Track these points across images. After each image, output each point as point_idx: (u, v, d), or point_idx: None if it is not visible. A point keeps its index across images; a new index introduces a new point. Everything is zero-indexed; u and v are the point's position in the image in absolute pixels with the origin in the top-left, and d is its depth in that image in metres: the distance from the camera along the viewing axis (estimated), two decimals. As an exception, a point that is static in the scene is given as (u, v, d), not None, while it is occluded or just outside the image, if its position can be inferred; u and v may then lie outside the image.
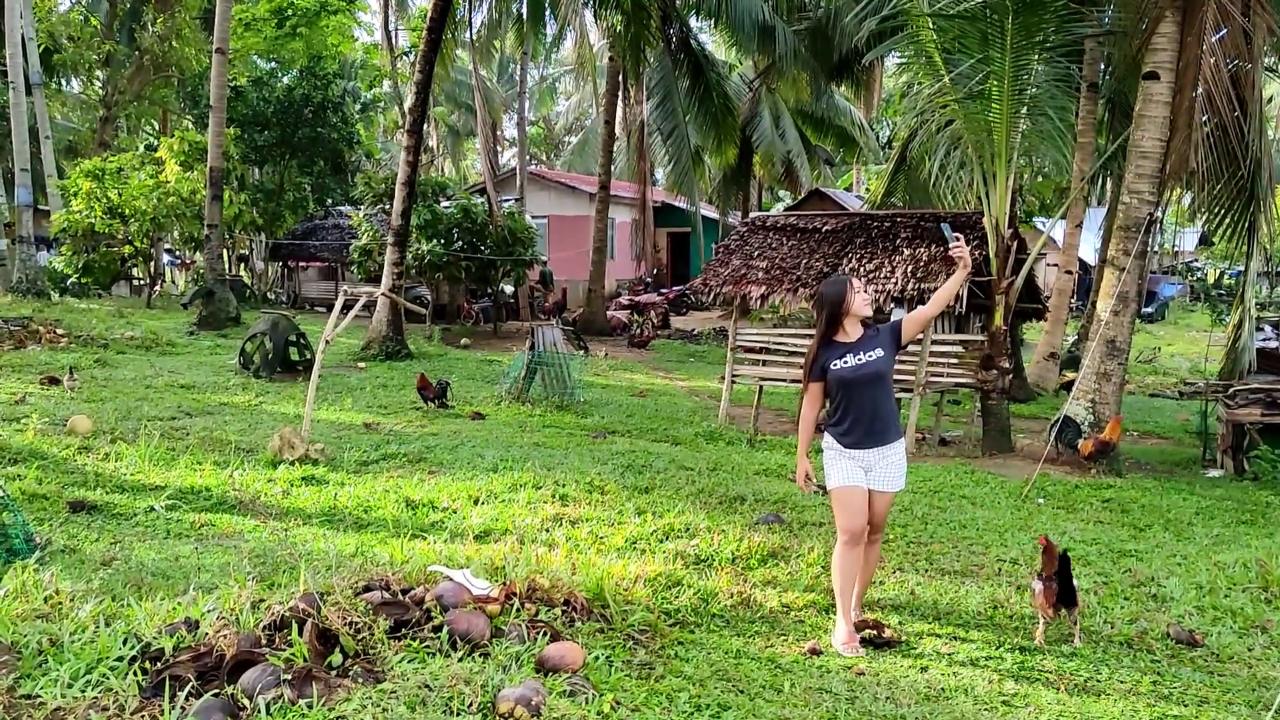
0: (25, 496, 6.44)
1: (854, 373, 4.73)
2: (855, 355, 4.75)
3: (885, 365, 4.76)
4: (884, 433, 4.77)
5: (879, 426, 4.76)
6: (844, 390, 4.76)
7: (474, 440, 9.64)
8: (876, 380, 4.75)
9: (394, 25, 32.82)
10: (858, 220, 12.16)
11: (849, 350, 4.77)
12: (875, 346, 4.76)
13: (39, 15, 26.73)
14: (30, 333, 15.34)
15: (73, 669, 3.50)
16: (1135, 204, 9.81)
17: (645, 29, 20.16)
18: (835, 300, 4.78)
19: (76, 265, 23.90)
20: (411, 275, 21.30)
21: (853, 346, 4.78)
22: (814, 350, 4.88)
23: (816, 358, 4.85)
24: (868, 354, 4.74)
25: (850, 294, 4.78)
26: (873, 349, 4.75)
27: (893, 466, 4.81)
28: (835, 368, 4.76)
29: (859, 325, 4.84)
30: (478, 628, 4.09)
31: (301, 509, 6.74)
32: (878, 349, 4.76)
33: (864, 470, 4.78)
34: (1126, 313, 9.96)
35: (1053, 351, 16.80)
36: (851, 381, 4.73)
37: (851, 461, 4.79)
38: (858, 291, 4.80)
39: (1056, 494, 8.51)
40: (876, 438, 4.76)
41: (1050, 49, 9.98)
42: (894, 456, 4.81)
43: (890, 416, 4.82)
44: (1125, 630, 4.96)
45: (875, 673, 4.36)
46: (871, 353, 4.74)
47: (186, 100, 30.68)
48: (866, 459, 4.78)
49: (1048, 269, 26.75)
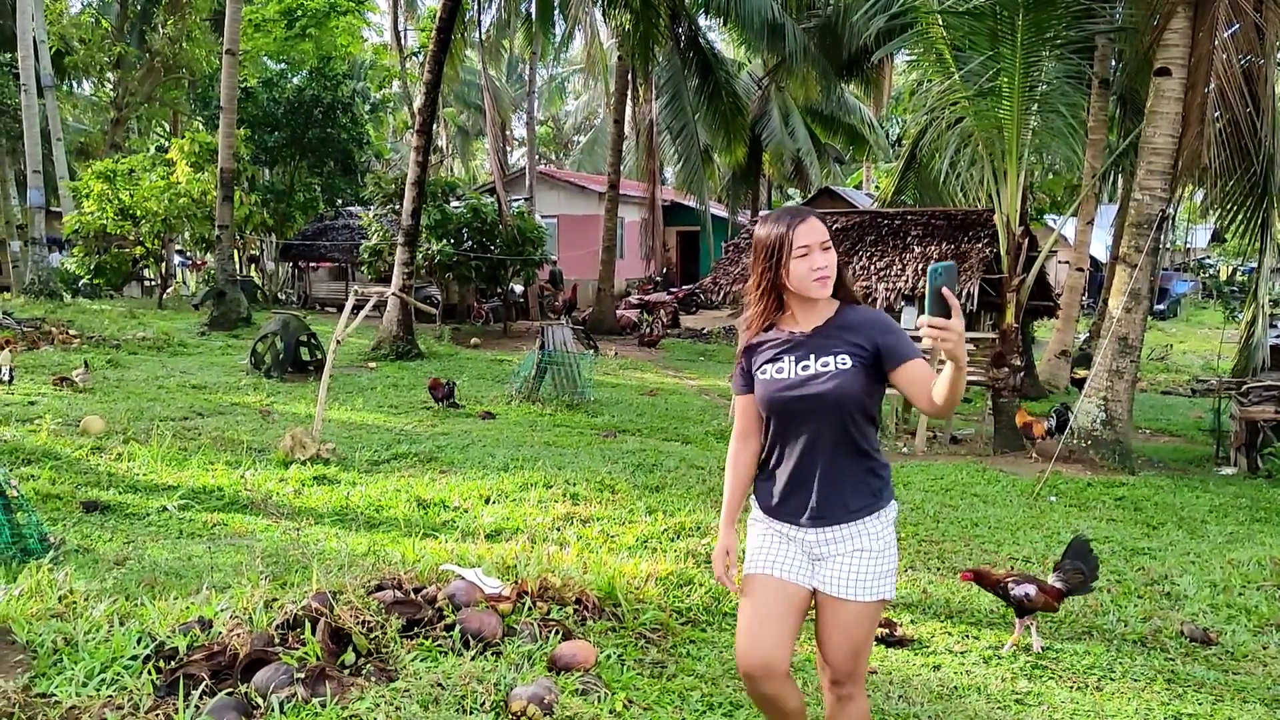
0: (39, 496, 6.47)
1: (789, 390, 2.76)
2: (798, 360, 2.77)
3: (849, 386, 2.71)
4: (838, 502, 2.78)
5: (832, 491, 2.78)
6: (775, 420, 2.83)
7: (485, 440, 9.64)
8: (828, 410, 2.72)
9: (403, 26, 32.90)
10: (868, 218, 12.15)
11: (789, 349, 2.80)
12: (839, 350, 2.74)
13: (50, 18, 26.84)
14: (43, 334, 15.41)
15: (87, 668, 3.52)
16: (1147, 200, 9.77)
17: (654, 27, 20.15)
18: (768, 252, 2.77)
19: (88, 266, 24.02)
20: (421, 275, 21.34)
21: (798, 344, 2.80)
22: (743, 340, 2.94)
23: (743, 351, 2.93)
24: (820, 361, 2.74)
25: (791, 243, 2.71)
26: (832, 353, 2.74)
27: (857, 560, 2.79)
28: (763, 376, 2.82)
29: (820, 305, 2.81)
30: (490, 626, 4.09)
31: (313, 508, 6.75)
32: (842, 356, 2.73)
33: (802, 553, 2.86)
34: (1139, 310, 9.92)
35: (1064, 349, 16.74)
36: (786, 407, 2.77)
37: (778, 537, 2.90)
38: (808, 251, 2.71)
39: (1069, 492, 8.49)
40: (825, 509, 2.78)
41: (1061, 45, 9.95)
42: (858, 544, 2.79)
43: (855, 476, 2.79)
44: (1139, 628, 4.94)
45: (887, 671, 4.35)
46: (828, 359, 2.73)
47: (197, 102, 30.76)
48: (808, 540, 2.84)
49: (1059, 266, 26.66)
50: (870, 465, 2.82)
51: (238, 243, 26.47)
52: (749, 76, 28.62)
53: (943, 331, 2.43)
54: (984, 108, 10.23)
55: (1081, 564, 4.67)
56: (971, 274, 10.30)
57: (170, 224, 23.30)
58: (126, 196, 22.68)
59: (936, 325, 2.43)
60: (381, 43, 41.08)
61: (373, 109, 34.98)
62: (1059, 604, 4.63)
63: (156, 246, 24.37)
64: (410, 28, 36.17)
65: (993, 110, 10.15)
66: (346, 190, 29.47)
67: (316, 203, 28.47)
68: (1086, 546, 4.75)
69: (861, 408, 2.75)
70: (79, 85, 35.63)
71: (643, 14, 19.56)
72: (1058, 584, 4.62)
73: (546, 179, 32.22)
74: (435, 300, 22.92)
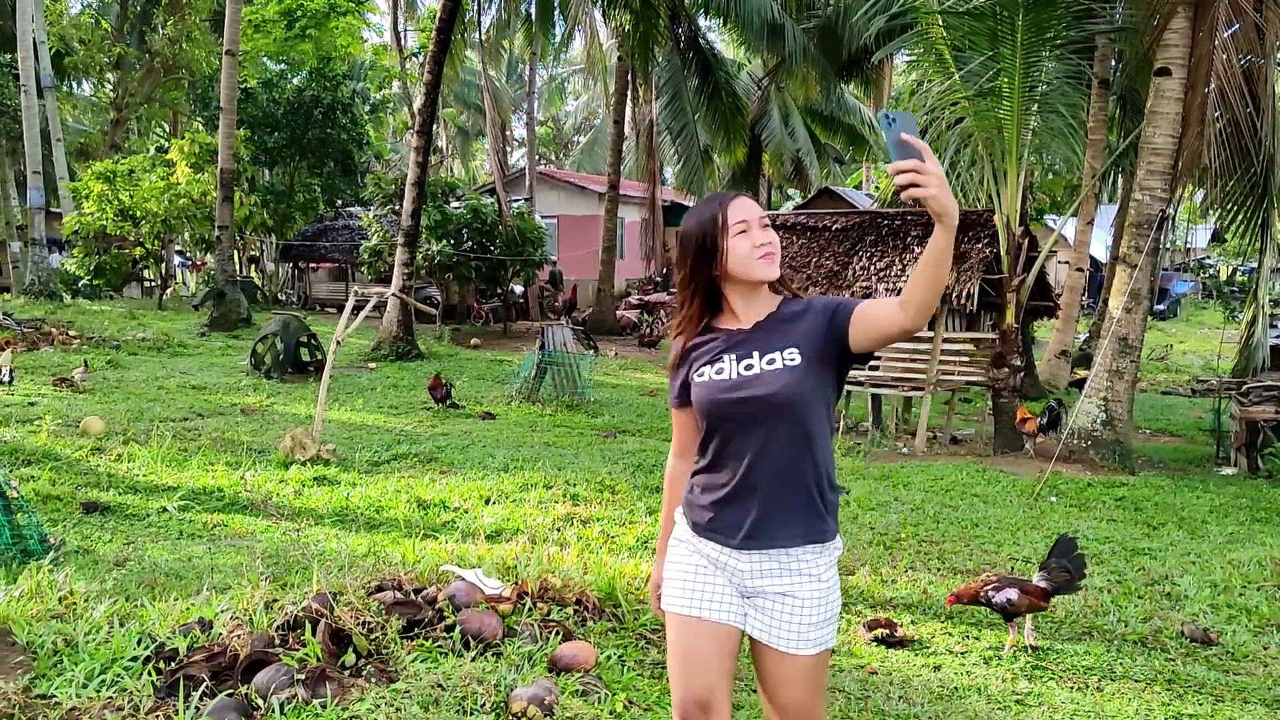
0: (39, 497, 6.47)
1: (731, 392, 2.38)
2: (740, 358, 2.41)
3: (800, 384, 2.34)
4: (782, 523, 2.38)
5: (776, 508, 2.38)
6: (715, 427, 2.43)
7: (484, 440, 9.65)
8: (777, 413, 2.34)
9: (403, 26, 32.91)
10: (868, 218, 12.15)
11: (730, 347, 2.45)
12: (785, 345, 2.38)
13: (50, 18, 26.85)
14: (43, 334, 15.42)
15: (88, 669, 3.52)
16: (1147, 201, 9.77)
17: (654, 28, 20.15)
18: (700, 239, 2.43)
19: (88, 267, 24.03)
20: (421, 276, 21.34)
21: (739, 342, 2.45)
22: (677, 346, 2.56)
23: (678, 360, 2.55)
24: (765, 358, 2.38)
25: (725, 220, 2.40)
26: (778, 349, 2.38)
27: (796, 608, 2.40)
28: (701, 379, 2.44)
29: (761, 297, 2.48)
30: (490, 627, 4.09)
31: (313, 509, 6.75)
32: (790, 350, 2.37)
33: (731, 586, 2.46)
34: (1139, 310, 9.91)
35: (1064, 349, 16.74)
36: (728, 411, 2.39)
37: (705, 567, 2.48)
38: (746, 227, 2.39)
39: (1069, 492, 8.48)
40: (765, 529, 2.38)
41: (1061, 45, 9.95)
42: (796, 582, 2.40)
43: (804, 492, 2.38)
44: (1139, 629, 4.93)
45: (888, 672, 4.35)
46: (774, 356, 2.37)
47: (197, 102, 30.78)
48: (740, 568, 2.43)
49: (1059, 266, 26.66)
50: (823, 481, 2.40)
51: (238, 243, 26.49)
52: (749, 77, 28.60)
53: (916, 174, 2.03)
54: (984, 108, 10.24)
55: (1067, 562, 4.64)
56: (972, 274, 10.30)
57: (170, 225, 23.31)
58: (126, 197, 22.69)
59: (905, 167, 2.04)
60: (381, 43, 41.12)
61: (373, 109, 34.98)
62: (1047, 602, 4.62)
63: (156, 247, 24.37)
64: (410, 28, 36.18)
65: (993, 110, 10.15)
66: (346, 191, 29.48)
67: (316, 203, 28.47)
68: (1073, 545, 4.73)
69: (814, 410, 2.36)
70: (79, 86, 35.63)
71: (642, 14, 19.56)
72: (1042, 583, 4.60)
73: (546, 179, 32.22)
74: (435, 301, 22.92)
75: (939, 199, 2.05)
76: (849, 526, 6.79)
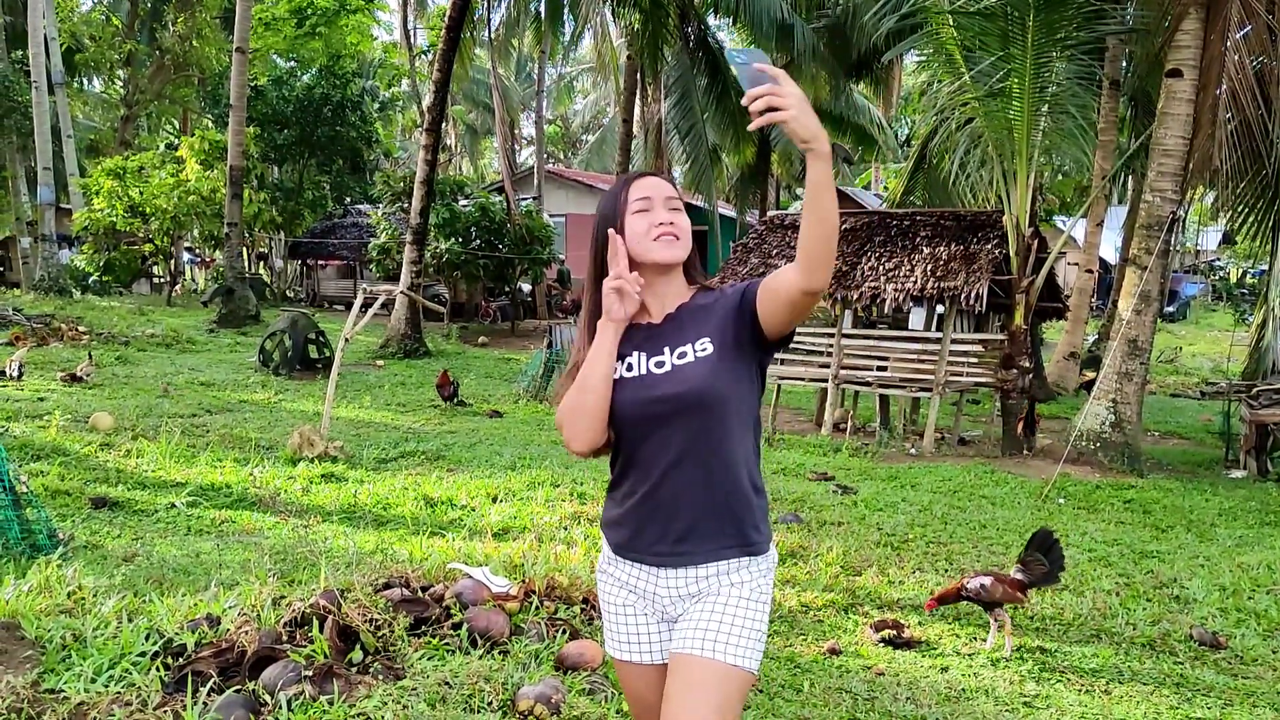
0: (48, 493, 6.49)
1: (642, 392, 2.16)
2: (650, 355, 2.19)
3: (713, 376, 2.12)
4: (706, 533, 2.14)
5: (700, 519, 2.14)
6: (628, 432, 2.19)
7: (492, 438, 9.66)
8: (691, 411, 2.11)
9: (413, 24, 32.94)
10: (876, 218, 12.12)
11: (639, 343, 2.22)
12: (698, 336, 2.16)
13: (61, 15, 26.91)
14: (52, 330, 15.46)
15: (96, 664, 3.53)
16: (1158, 202, 9.74)
17: (663, 27, 20.13)
18: (602, 221, 2.26)
19: (98, 263, 24.11)
20: (429, 274, 21.35)
21: (649, 336, 2.22)
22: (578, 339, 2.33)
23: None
24: (676, 352, 2.16)
25: (627, 198, 2.22)
26: (690, 341, 2.16)
27: (719, 613, 2.13)
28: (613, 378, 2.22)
29: (674, 288, 2.25)
30: (497, 625, 4.10)
31: (321, 506, 6.76)
32: (702, 340, 2.15)
33: (657, 616, 2.25)
34: (1148, 312, 9.89)
35: (1073, 351, 16.71)
36: (640, 413, 2.16)
37: (631, 603, 2.28)
38: (648, 205, 2.19)
39: (1077, 494, 8.46)
40: (689, 541, 2.14)
41: (1072, 46, 9.93)
42: (724, 594, 2.15)
43: (729, 499, 2.14)
44: (1147, 632, 4.92)
45: (895, 673, 4.34)
46: (685, 349, 2.15)
47: (207, 99, 30.87)
48: (661, 592, 2.21)
49: (1068, 268, 26.59)
50: (750, 486, 2.16)
51: (246, 240, 26.52)
52: (758, 76, 28.51)
53: (773, 96, 1.87)
54: (994, 108, 10.21)
55: (1042, 555, 4.66)
56: (980, 275, 10.27)
57: (179, 221, 23.36)
58: (136, 194, 22.75)
59: (760, 92, 1.88)
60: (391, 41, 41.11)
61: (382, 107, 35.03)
62: (1024, 594, 4.62)
63: (166, 244, 24.42)
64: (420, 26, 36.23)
65: (1003, 111, 10.13)
66: (355, 188, 29.53)
67: (325, 201, 28.53)
68: (1050, 538, 4.74)
69: (731, 406, 2.13)
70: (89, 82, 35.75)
71: (652, 13, 19.54)
72: (1018, 575, 4.62)
73: (555, 178, 32.23)
74: (443, 299, 22.94)
75: (800, 120, 1.87)
76: (856, 527, 6.78)
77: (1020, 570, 4.65)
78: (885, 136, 30.17)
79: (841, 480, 8.58)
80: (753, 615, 2.13)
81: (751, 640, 2.11)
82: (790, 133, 1.89)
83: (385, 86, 37.72)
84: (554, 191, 30.77)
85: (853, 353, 11.40)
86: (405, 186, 22.01)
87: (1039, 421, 11.25)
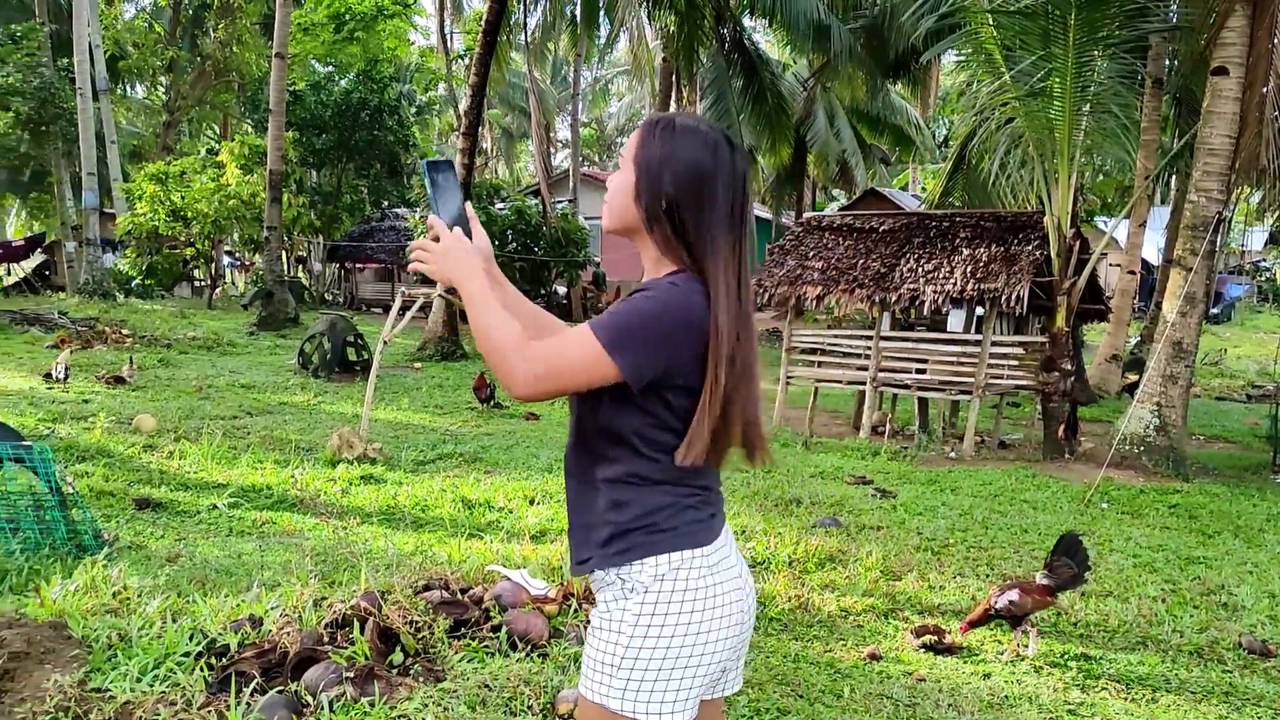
0: (93, 493, 6.58)
1: None
2: None
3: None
4: (574, 542, 2.04)
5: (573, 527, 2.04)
6: None
7: (528, 440, 9.68)
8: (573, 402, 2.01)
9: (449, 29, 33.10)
10: (915, 220, 12.02)
11: None
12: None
13: (105, 23, 27.37)
14: (97, 333, 15.70)
15: (141, 663, 3.57)
16: (1203, 202, 9.59)
17: (699, 29, 20.11)
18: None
19: (140, 267, 24.47)
20: (466, 276, 21.42)
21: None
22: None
23: None
24: None
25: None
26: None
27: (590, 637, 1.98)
28: None
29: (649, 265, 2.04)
30: (536, 628, 4.10)
31: (360, 507, 6.80)
32: None
33: None
34: (1194, 314, 9.73)
35: (1115, 353, 16.48)
36: None
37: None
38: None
39: (1121, 499, 8.34)
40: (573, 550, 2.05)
41: (1114, 45, 9.79)
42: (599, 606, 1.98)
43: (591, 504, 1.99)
44: (1195, 639, 4.83)
45: (936, 679, 4.29)
46: None
47: (247, 104, 31.22)
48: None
49: (1110, 269, 26.26)
50: (613, 493, 1.93)
51: (286, 244, 26.82)
52: (794, 77, 28.48)
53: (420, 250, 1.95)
54: (1035, 108, 10.10)
55: (1069, 559, 4.61)
56: (1021, 276, 10.16)
57: (220, 225, 23.65)
58: (178, 198, 23.06)
59: (416, 245, 1.96)
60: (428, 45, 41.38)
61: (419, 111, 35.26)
62: (1054, 598, 4.59)
63: (206, 247, 24.74)
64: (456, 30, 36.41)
65: (1044, 111, 10.01)
66: (392, 192, 29.74)
67: (363, 204, 28.75)
68: (1075, 541, 4.69)
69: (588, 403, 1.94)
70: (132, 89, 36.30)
71: (688, 16, 19.53)
72: (1045, 581, 4.57)
73: (590, 181, 32.28)
74: (479, 301, 23.02)
75: (438, 272, 1.92)
76: (896, 531, 6.73)
77: (1047, 575, 4.60)
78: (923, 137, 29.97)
79: (880, 484, 8.51)
80: (601, 643, 1.93)
81: (598, 669, 1.92)
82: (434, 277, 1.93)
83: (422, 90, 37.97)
84: (589, 194, 30.82)
85: (891, 355, 11.32)
86: (442, 190, 22.11)
87: (1080, 425, 11.10)
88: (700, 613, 1.89)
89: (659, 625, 1.87)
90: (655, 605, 1.87)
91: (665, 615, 1.87)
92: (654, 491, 1.91)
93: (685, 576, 1.89)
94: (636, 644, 1.87)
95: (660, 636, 1.87)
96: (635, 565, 1.89)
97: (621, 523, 1.91)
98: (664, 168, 1.89)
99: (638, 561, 1.89)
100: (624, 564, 1.90)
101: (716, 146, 1.90)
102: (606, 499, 1.94)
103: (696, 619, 1.89)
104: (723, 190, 1.89)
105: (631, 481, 1.91)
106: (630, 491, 1.92)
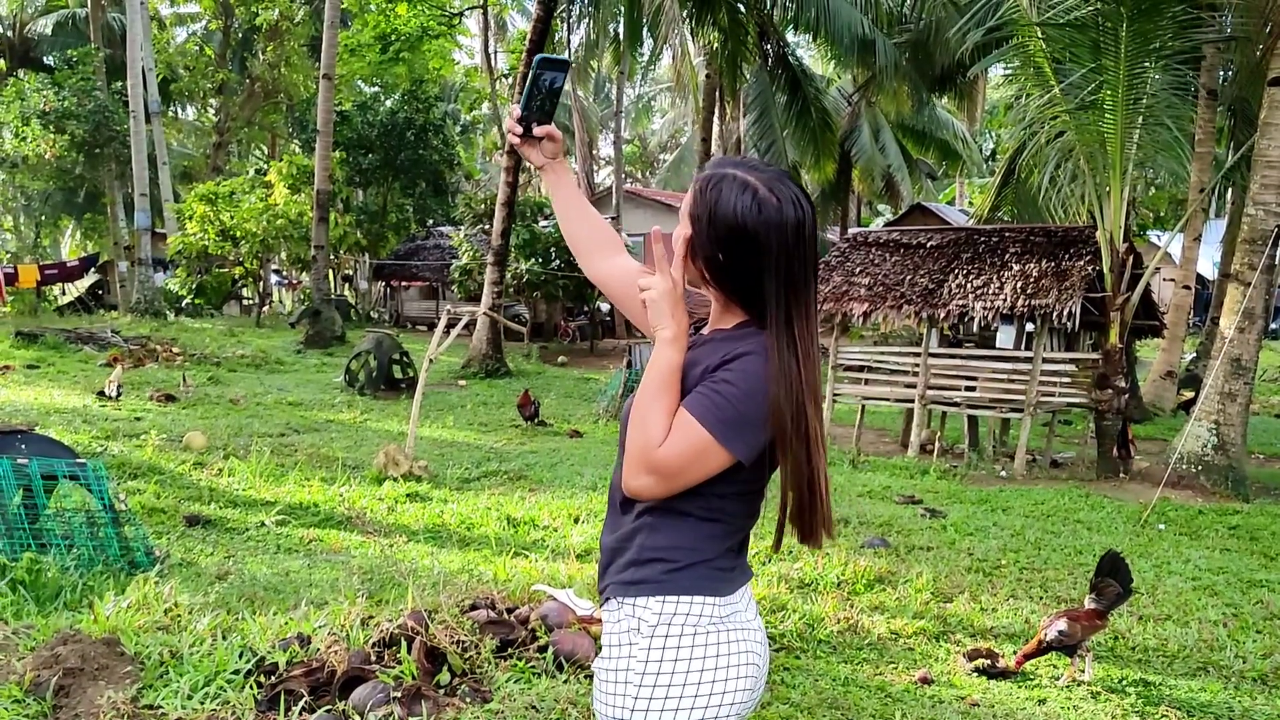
0: (145, 510, 6.65)
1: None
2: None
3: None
4: (604, 565, 2.01)
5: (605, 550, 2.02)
6: None
7: (572, 458, 9.66)
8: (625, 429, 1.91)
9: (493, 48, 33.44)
10: (964, 235, 11.88)
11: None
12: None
13: (158, 47, 27.95)
14: (148, 351, 15.97)
15: (192, 681, 3.58)
16: (1261, 216, 9.38)
17: (742, 45, 20.11)
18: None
19: (190, 286, 24.90)
20: (510, 294, 21.57)
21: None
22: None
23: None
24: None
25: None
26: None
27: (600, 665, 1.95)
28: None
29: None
30: (583, 648, 4.06)
31: (406, 525, 6.82)
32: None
33: None
34: (1252, 329, 9.51)
35: (1170, 370, 16.15)
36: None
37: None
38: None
39: (1178, 520, 8.14)
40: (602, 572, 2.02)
41: (1167, 56, 9.62)
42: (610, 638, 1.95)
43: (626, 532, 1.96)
44: (1259, 665, 4.69)
45: (990, 704, 4.19)
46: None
47: (294, 125, 31.71)
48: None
49: (1163, 284, 25.82)
50: (646, 520, 1.90)
51: (332, 263, 27.15)
52: (838, 92, 28.38)
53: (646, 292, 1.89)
54: (1086, 121, 9.95)
55: (1112, 579, 4.52)
56: (1073, 292, 10.00)
57: (268, 244, 24.01)
58: (227, 218, 23.45)
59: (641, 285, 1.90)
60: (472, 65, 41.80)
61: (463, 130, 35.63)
62: (1104, 621, 4.51)
63: (255, 266, 25.11)
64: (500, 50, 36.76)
65: (1095, 124, 9.86)
66: (438, 210, 30.03)
67: (409, 223, 29.04)
68: (1118, 560, 4.60)
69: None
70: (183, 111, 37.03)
71: (731, 32, 19.53)
72: (1093, 605, 4.49)
73: (633, 197, 32.36)
74: (523, 319, 23.16)
75: (656, 305, 1.84)
76: (946, 552, 6.61)
77: (1095, 600, 4.50)
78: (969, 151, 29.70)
79: (929, 503, 8.38)
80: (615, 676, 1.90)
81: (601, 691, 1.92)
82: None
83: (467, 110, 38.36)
84: (632, 211, 30.89)
85: (940, 372, 11.17)
86: (486, 208, 22.32)
87: (1135, 443, 10.88)
88: (710, 670, 1.83)
89: (667, 674, 1.82)
90: (663, 652, 1.83)
91: (675, 663, 1.82)
92: (686, 526, 1.87)
93: (694, 625, 1.84)
94: (646, 694, 1.83)
95: (670, 685, 1.82)
96: (642, 600, 1.86)
97: (645, 546, 1.89)
98: (712, 225, 1.84)
99: (644, 598, 1.86)
100: (633, 596, 1.88)
101: (764, 203, 1.82)
102: (641, 524, 1.91)
103: (708, 676, 1.83)
104: (777, 248, 1.81)
105: (670, 511, 1.87)
106: (664, 520, 1.88)
